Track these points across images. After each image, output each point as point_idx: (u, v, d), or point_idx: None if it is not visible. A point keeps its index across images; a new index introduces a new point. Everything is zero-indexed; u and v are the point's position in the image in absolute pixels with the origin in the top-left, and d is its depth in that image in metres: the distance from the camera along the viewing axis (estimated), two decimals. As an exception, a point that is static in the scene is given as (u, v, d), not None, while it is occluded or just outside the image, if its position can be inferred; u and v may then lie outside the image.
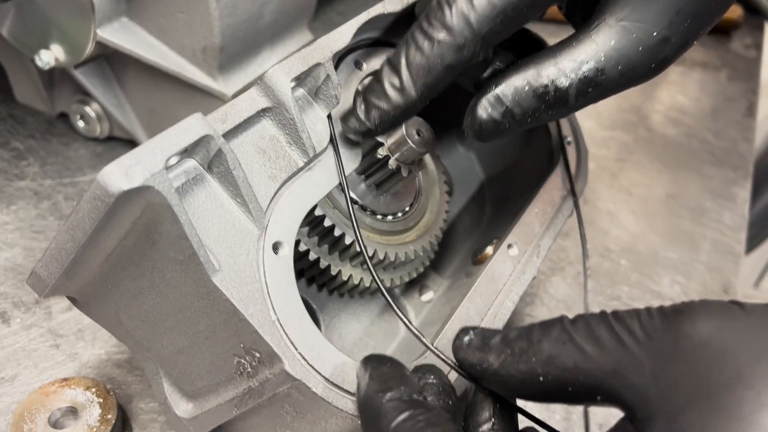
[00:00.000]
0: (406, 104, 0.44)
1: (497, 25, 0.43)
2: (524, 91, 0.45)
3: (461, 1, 0.42)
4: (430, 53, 0.43)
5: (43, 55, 0.70)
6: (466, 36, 0.43)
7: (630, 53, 0.44)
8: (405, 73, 0.44)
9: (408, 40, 0.44)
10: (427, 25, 0.43)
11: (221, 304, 0.39)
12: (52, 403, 0.52)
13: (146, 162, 0.34)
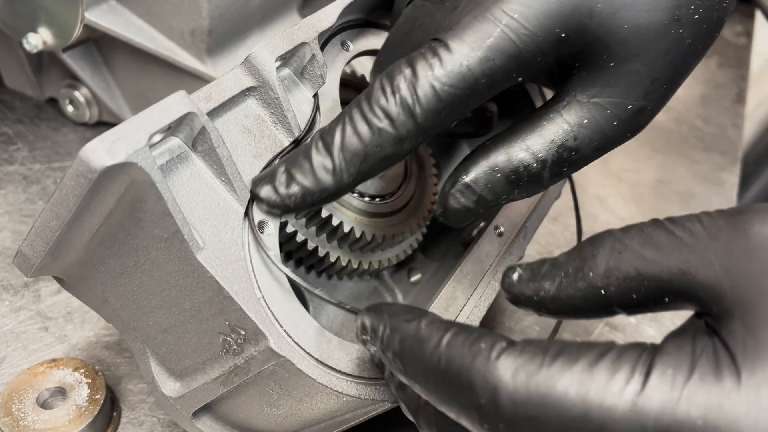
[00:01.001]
0: (335, 188, 0.41)
1: (442, 117, 0.40)
2: (495, 178, 0.43)
3: (404, 89, 0.39)
4: (369, 141, 0.40)
5: (30, 39, 0.70)
6: (408, 128, 0.40)
7: (604, 128, 0.42)
8: (338, 156, 0.40)
9: (344, 120, 0.40)
10: (367, 109, 0.40)
11: (206, 281, 0.39)
12: (41, 383, 0.52)
13: (129, 138, 0.34)
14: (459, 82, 0.39)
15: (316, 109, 0.47)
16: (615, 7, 0.40)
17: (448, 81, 0.39)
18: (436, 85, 0.39)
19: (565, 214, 0.81)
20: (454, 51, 0.39)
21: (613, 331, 0.70)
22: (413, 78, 0.39)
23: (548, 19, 0.39)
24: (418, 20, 0.44)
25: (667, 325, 0.71)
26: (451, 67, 0.39)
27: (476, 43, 0.39)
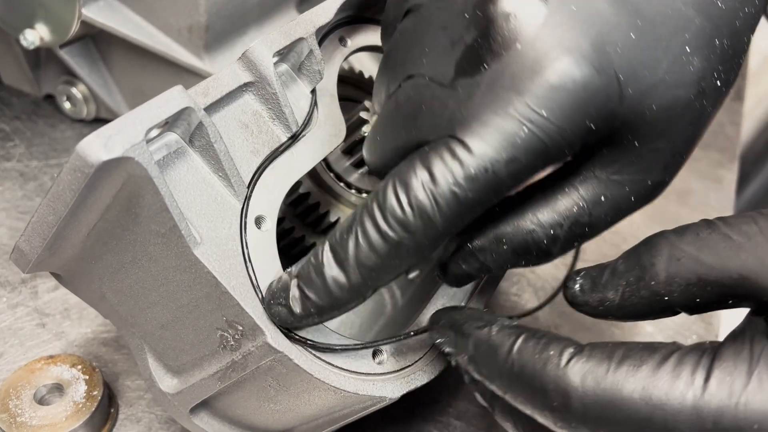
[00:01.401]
0: (353, 303, 0.38)
1: (464, 220, 0.37)
2: (502, 249, 0.41)
3: (423, 197, 0.35)
4: (386, 255, 0.36)
5: (28, 35, 0.70)
6: (428, 237, 0.36)
7: (621, 205, 0.40)
8: (354, 273, 0.37)
9: (357, 232, 0.36)
10: (381, 220, 0.36)
11: (203, 277, 0.39)
12: (38, 379, 0.52)
13: (126, 133, 0.34)
14: (482, 186, 0.36)
15: (313, 105, 0.47)
16: (644, 89, 0.37)
17: (471, 186, 0.35)
18: (458, 191, 0.35)
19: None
20: (477, 154, 0.35)
21: (611, 327, 0.70)
22: (432, 184, 0.35)
23: (578, 111, 0.36)
24: (425, 104, 0.39)
25: (667, 323, 0.71)
26: (475, 171, 0.35)
27: (500, 144, 0.35)
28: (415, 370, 0.44)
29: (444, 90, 0.38)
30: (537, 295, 0.71)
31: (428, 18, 0.40)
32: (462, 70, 0.38)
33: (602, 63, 0.36)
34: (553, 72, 0.35)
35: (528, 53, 0.36)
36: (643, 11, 0.36)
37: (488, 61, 0.37)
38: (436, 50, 0.39)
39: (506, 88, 0.36)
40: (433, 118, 0.38)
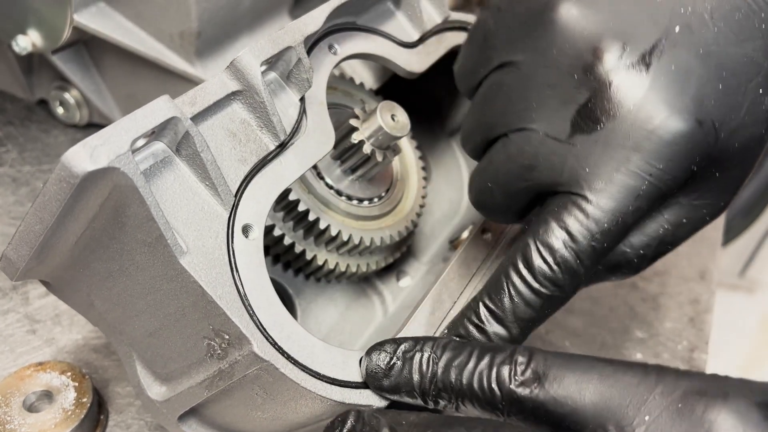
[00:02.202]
0: None
1: (599, 262, 0.42)
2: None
3: (567, 255, 0.41)
4: (539, 308, 0.41)
5: (20, 41, 0.70)
6: (574, 286, 0.42)
7: (698, 223, 0.46)
8: (514, 326, 0.41)
9: (509, 290, 0.41)
10: (531, 279, 0.41)
11: (189, 286, 0.39)
12: (27, 386, 0.52)
13: (112, 143, 0.34)
14: (615, 235, 0.41)
15: (302, 113, 0.47)
16: (731, 130, 0.43)
17: (606, 238, 0.41)
18: (596, 244, 0.41)
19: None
20: (607, 209, 0.41)
21: (602, 332, 0.70)
22: (572, 243, 0.41)
23: (686, 159, 0.41)
24: (542, 157, 0.43)
25: (659, 329, 0.71)
26: (607, 225, 0.41)
27: (627, 199, 0.41)
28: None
29: (561, 145, 0.43)
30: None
31: (529, 75, 0.45)
32: (578, 127, 0.42)
33: (702, 115, 0.41)
34: (665, 129, 0.41)
35: (640, 113, 0.41)
36: (725, 63, 0.42)
37: (603, 120, 0.42)
38: (546, 107, 0.44)
39: (623, 146, 0.41)
40: (552, 170, 0.43)
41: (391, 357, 0.41)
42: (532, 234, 0.42)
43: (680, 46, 0.42)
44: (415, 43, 0.57)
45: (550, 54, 0.44)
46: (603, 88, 0.42)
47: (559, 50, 0.43)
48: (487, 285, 0.43)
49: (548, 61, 0.44)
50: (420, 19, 0.57)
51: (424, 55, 0.58)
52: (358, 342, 0.58)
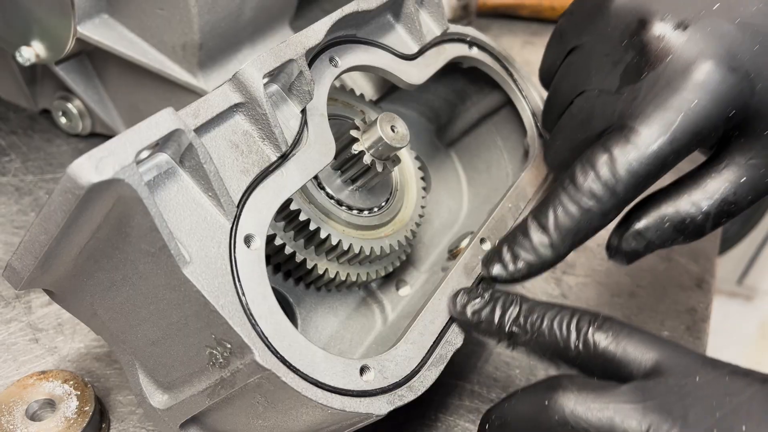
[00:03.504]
0: (554, 259, 0.49)
1: (639, 189, 0.48)
2: (664, 227, 0.50)
3: (606, 172, 0.47)
4: (579, 218, 0.48)
5: (23, 52, 0.71)
6: (612, 203, 0.48)
7: (758, 185, 0.49)
8: (555, 234, 0.48)
9: (555, 202, 0.49)
10: (574, 192, 0.48)
11: (192, 295, 0.39)
12: (30, 395, 0.52)
13: (116, 155, 0.35)
14: (651, 161, 0.47)
15: (303, 124, 0.48)
16: None
17: (643, 161, 0.47)
18: (633, 165, 0.47)
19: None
20: (645, 136, 0.47)
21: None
22: (611, 162, 0.47)
23: (719, 101, 0.47)
24: (597, 109, 0.52)
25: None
26: (644, 150, 0.47)
27: (664, 129, 0.47)
28: (401, 386, 0.45)
29: (612, 96, 0.51)
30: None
31: (590, 50, 0.55)
32: (626, 80, 0.51)
33: (735, 64, 0.47)
34: (699, 72, 0.47)
35: (677, 62, 0.48)
36: (762, 31, 0.48)
37: (646, 71, 0.49)
38: (601, 71, 0.53)
39: (663, 88, 0.48)
40: (604, 117, 0.51)
41: (481, 296, 0.48)
42: (580, 159, 0.49)
43: (717, 15, 0.48)
44: (415, 56, 0.58)
45: (606, 30, 0.53)
46: (645, 46, 0.50)
47: (613, 26, 0.52)
48: (537, 204, 0.51)
49: (604, 37, 0.53)
50: (419, 32, 0.58)
51: (423, 67, 0.59)
52: (358, 350, 0.59)
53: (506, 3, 1.22)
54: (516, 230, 0.50)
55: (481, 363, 0.65)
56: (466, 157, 0.75)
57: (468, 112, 0.74)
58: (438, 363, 0.48)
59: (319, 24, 0.49)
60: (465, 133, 0.75)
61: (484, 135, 0.74)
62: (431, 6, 0.60)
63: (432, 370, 0.47)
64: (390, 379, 0.44)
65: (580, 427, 0.41)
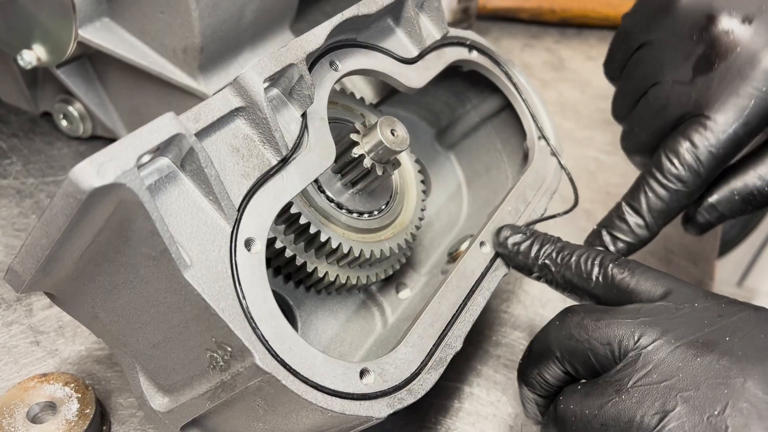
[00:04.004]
0: (649, 238, 0.58)
1: (719, 169, 0.56)
2: (734, 199, 0.58)
3: (689, 158, 0.55)
4: (669, 200, 0.56)
5: (25, 55, 0.71)
6: (696, 184, 0.56)
7: None
8: (648, 216, 0.57)
9: (644, 188, 0.57)
10: (662, 177, 0.56)
11: (193, 299, 0.40)
12: (31, 398, 0.53)
13: (118, 160, 0.35)
14: (729, 143, 0.55)
15: (304, 128, 0.48)
16: None
17: (721, 145, 0.55)
18: (713, 150, 0.55)
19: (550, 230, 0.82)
20: (721, 122, 0.55)
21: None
22: (693, 148, 0.55)
23: None
24: (672, 98, 0.59)
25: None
26: (721, 135, 0.55)
27: (738, 114, 0.55)
28: (401, 389, 0.45)
29: (686, 86, 0.58)
30: (527, 311, 0.72)
31: (660, 45, 0.61)
32: (698, 71, 0.57)
33: None
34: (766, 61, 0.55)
35: (745, 53, 0.55)
36: None
37: (717, 62, 0.56)
38: (673, 63, 0.59)
39: (734, 77, 0.55)
40: (680, 104, 0.58)
41: (523, 233, 0.55)
42: (663, 147, 0.57)
43: None
44: (415, 59, 0.58)
45: (675, 27, 0.60)
46: (715, 40, 0.57)
47: (681, 23, 0.59)
48: (629, 191, 0.59)
49: (673, 33, 0.60)
50: (419, 36, 0.58)
51: (423, 70, 0.59)
52: (358, 353, 0.59)
53: (506, 6, 1.23)
54: (612, 215, 0.59)
55: (481, 366, 0.65)
56: (465, 160, 0.75)
57: (468, 115, 0.74)
58: (438, 366, 0.48)
59: (319, 28, 0.49)
60: (465, 136, 0.75)
61: (484, 138, 0.74)
62: (431, 10, 0.60)
63: (432, 373, 0.47)
64: (390, 383, 0.45)
65: (582, 338, 0.46)
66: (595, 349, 0.46)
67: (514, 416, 0.61)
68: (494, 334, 0.69)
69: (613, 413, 0.42)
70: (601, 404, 0.43)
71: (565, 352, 0.48)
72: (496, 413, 0.62)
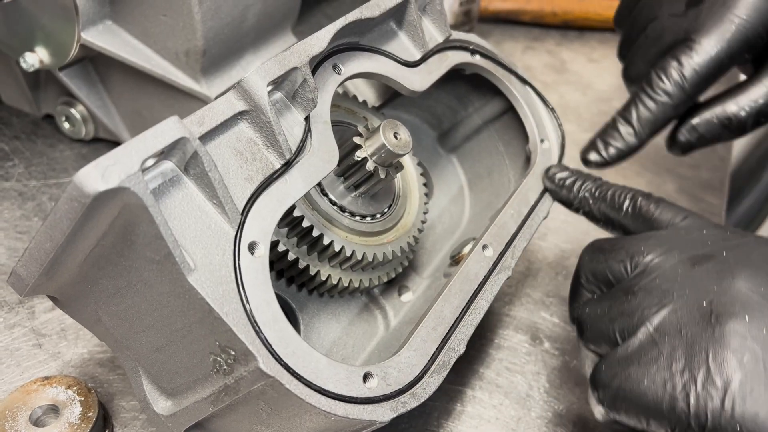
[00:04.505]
0: (638, 145, 0.64)
1: (702, 86, 0.62)
2: (713, 123, 0.64)
3: (676, 75, 0.62)
4: (656, 112, 0.62)
5: (28, 58, 0.71)
6: (681, 99, 0.62)
7: None
8: (637, 124, 0.63)
9: (636, 102, 0.63)
10: (651, 91, 0.63)
11: (197, 302, 0.39)
12: (34, 401, 0.52)
13: (122, 164, 0.35)
14: (712, 64, 0.61)
15: (307, 132, 0.48)
16: None
17: (705, 65, 0.61)
18: (697, 68, 0.61)
19: (553, 233, 0.82)
20: (706, 45, 0.61)
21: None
22: (680, 67, 0.62)
23: (764, 19, 0.61)
24: (666, 28, 0.66)
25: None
26: (705, 55, 0.61)
27: (721, 38, 0.61)
28: (405, 393, 0.45)
29: (679, 18, 0.65)
30: (530, 314, 0.72)
31: None
32: (690, 3, 0.64)
33: None
34: None
35: None
36: None
37: None
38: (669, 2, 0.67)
39: (720, 7, 0.61)
40: (673, 33, 0.65)
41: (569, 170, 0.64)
42: (654, 67, 0.63)
43: None
44: (417, 62, 0.58)
45: None
46: None
47: None
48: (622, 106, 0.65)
49: None
50: (422, 39, 0.58)
51: (425, 73, 0.59)
52: (361, 356, 0.59)
53: (508, 8, 1.23)
54: (606, 126, 0.65)
55: (483, 369, 0.65)
56: (467, 163, 0.75)
57: (470, 118, 0.74)
58: (441, 370, 0.48)
59: (322, 32, 0.49)
60: (467, 139, 0.75)
61: (486, 141, 0.74)
62: (434, 13, 0.60)
63: (435, 377, 0.47)
64: (393, 386, 0.45)
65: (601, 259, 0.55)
66: (611, 267, 0.54)
67: (516, 419, 0.61)
68: (496, 337, 0.69)
69: (620, 310, 0.50)
70: (611, 305, 0.51)
71: (589, 275, 0.56)
72: (498, 416, 0.62)
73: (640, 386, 0.45)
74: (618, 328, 0.49)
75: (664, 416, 0.44)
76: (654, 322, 0.47)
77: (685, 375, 0.43)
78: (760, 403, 0.41)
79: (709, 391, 0.42)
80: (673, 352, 0.45)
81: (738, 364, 0.42)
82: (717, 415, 0.42)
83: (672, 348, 0.45)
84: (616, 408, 0.47)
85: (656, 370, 0.45)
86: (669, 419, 0.44)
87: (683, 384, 0.43)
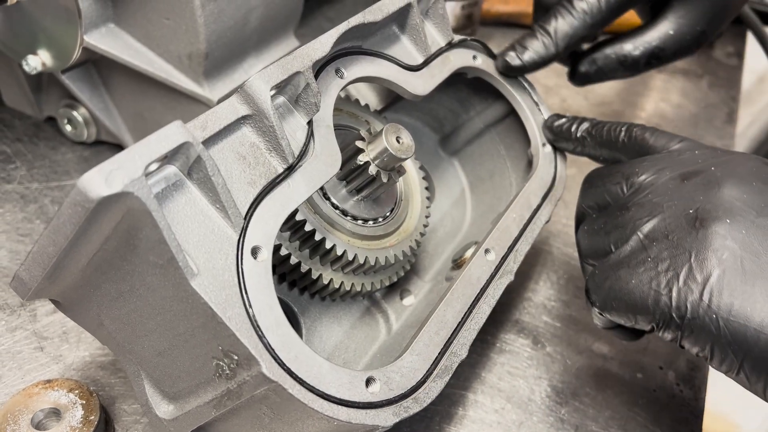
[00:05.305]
0: (553, 55, 0.67)
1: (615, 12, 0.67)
2: (610, 58, 0.70)
3: None
4: (573, 27, 0.67)
5: (30, 60, 0.71)
6: (597, 18, 0.67)
7: (680, 39, 0.69)
8: (554, 35, 0.67)
9: (556, 14, 0.67)
10: (570, 7, 0.67)
11: (199, 307, 0.39)
12: (35, 404, 0.52)
13: (126, 168, 0.35)
14: None
15: (310, 136, 0.48)
16: None
17: None
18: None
19: (554, 237, 0.82)
20: None
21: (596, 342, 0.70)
22: None
23: None
24: None
25: (657, 353, 0.72)
26: None
27: None
28: (407, 398, 0.45)
29: None
30: (532, 318, 0.72)
31: None
32: None
33: None
34: None
35: None
36: None
37: None
38: None
39: None
40: None
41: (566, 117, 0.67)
42: None
43: None
44: (420, 66, 0.58)
45: None
46: None
47: None
48: (542, 18, 0.68)
49: None
50: (424, 43, 0.58)
51: (428, 77, 0.59)
52: (363, 360, 0.59)
53: (509, 12, 1.23)
54: (525, 34, 0.68)
55: (485, 373, 0.65)
56: (469, 166, 0.75)
57: (472, 121, 0.74)
58: (443, 374, 0.48)
59: (325, 36, 0.49)
60: (468, 143, 0.75)
61: (488, 144, 0.74)
62: (436, 17, 0.60)
63: (437, 382, 0.47)
64: (396, 391, 0.45)
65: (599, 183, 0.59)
66: (609, 189, 0.57)
67: (518, 424, 0.61)
68: (498, 341, 0.69)
69: (615, 223, 0.53)
70: (607, 220, 0.55)
71: (589, 200, 0.59)
72: (500, 421, 0.61)
73: (628, 285, 0.49)
74: (612, 240, 0.53)
75: (650, 311, 0.47)
76: (644, 230, 0.50)
77: (669, 273, 0.47)
78: (735, 295, 0.44)
79: (689, 285, 0.45)
80: (659, 254, 0.48)
81: (717, 261, 0.45)
82: (696, 306, 0.45)
83: (659, 251, 0.48)
84: (607, 308, 0.51)
85: (643, 271, 0.48)
86: (654, 313, 0.47)
87: (667, 281, 0.47)
